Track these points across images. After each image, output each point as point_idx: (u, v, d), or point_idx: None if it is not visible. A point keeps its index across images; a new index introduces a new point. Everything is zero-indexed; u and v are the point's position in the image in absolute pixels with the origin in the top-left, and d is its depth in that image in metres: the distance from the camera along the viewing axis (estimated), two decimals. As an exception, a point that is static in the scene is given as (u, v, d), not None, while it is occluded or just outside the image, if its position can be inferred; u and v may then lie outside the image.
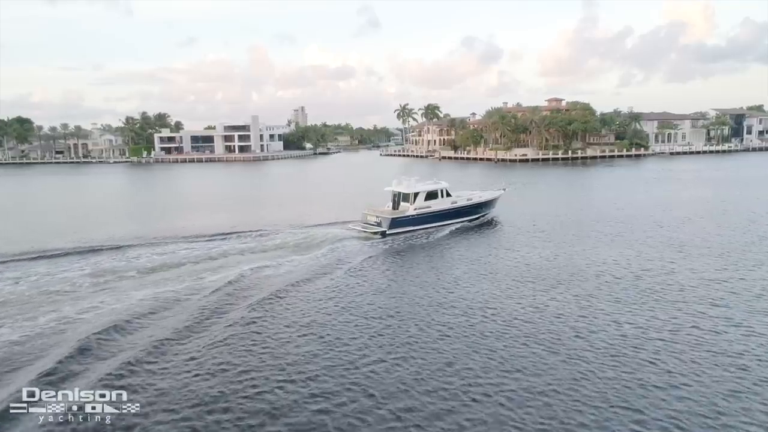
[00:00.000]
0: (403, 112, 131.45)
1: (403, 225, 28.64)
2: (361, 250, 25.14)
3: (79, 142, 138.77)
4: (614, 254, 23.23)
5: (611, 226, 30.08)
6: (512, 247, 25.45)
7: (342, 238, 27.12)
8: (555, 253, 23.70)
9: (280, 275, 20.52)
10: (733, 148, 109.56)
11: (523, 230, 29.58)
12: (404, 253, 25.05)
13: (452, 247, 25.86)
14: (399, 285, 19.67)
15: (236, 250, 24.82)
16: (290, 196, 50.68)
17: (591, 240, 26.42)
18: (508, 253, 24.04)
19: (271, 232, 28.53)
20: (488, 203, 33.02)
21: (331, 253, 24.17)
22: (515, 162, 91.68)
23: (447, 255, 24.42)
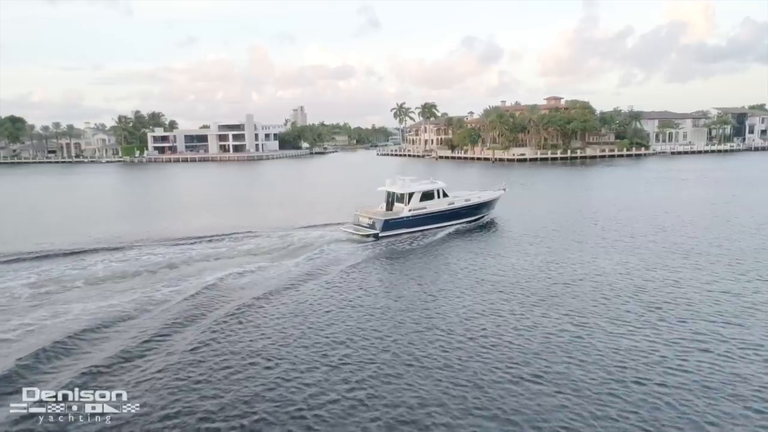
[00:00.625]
0: (400, 111, 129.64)
1: (397, 227, 27.09)
2: (350, 254, 23.54)
3: (72, 141, 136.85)
4: (614, 262, 21.26)
5: (611, 229, 28.12)
6: (506, 253, 23.59)
7: (332, 240, 25.69)
8: (550, 261, 21.75)
9: (258, 282, 18.96)
10: (735, 148, 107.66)
11: (519, 234, 27.73)
12: (396, 257, 23.38)
13: (446, 252, 24.12)
14: (385, 295, 17.86)
15: (216, 254, 23.17)
16: (281, 197, 49.11)
17: (589, 245, 24.46)
18: (502, 260, 22.12)
19: (258, 234, 26.97)
20: (487, 204, 31.39)
21: (319, 257, 22.67)
22: (513, 162, 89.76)
23: (439, 261, 22.65)
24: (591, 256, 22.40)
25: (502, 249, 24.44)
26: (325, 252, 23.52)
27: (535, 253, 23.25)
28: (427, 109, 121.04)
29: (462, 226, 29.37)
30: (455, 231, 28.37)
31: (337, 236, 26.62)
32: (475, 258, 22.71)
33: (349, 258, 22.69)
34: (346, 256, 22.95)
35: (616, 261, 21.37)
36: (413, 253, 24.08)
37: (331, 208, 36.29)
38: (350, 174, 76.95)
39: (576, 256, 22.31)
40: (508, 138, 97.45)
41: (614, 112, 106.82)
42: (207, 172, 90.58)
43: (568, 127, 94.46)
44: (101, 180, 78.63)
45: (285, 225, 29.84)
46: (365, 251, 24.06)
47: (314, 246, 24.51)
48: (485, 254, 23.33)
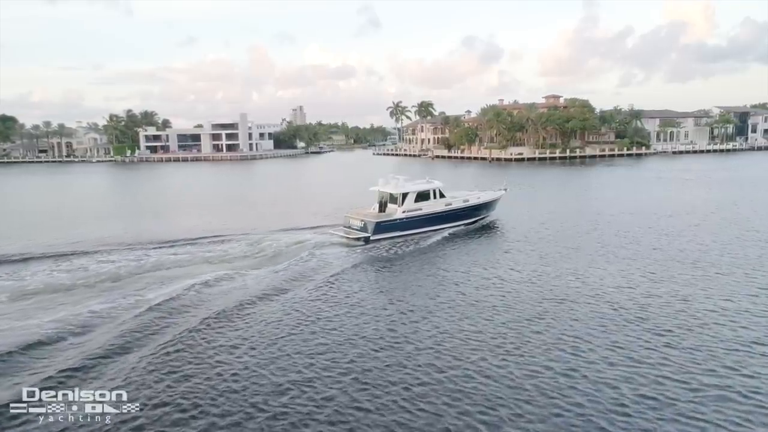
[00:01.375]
0: (397, 110, 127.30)
1: (390, 230, 25.28)
2: (338, 259, 21.89)
3: (63, 140, 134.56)
4: (614, 273, 19.00)
5: (611, 234, 25.86)
6: (501, 261, 21.44)
7: (319, 244, 24.03)
8: (545, 272, 19.51)
9: (234, 290, 17.43)
10: (738, 147, 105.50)
11: (516, 239, 25.60)
12: (386, 263, 21.59)
13: (440, 258, 22.27)
14: (369, 306, 16.12)
15: (194, 259, 21.59)
16: (270, 198, 47.19)
17: (588, 253, 22.20)
18: (495, 270, 19.88)
19: (241, 237, 25.31)
20: (487, 205, 29.52)
21: (303, 262, 21.03)
22: (510, 161, 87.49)
23: (431, 268, 20.71)
24: (590, 265, 20.15)
25: (497, 256, 22.31)
26: (311, 257, 21.89)
27: (529, 262, 21.01)
28: (423, 108, 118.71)
29: (460, 228, 27.54)
30: (452, 234, 26.53)
31: (325, 240, 24.92)
32: (468, 266, 20.65)
33: (336, 264, 21.06)
34: (333, 262, 21.32)
35: (617, 272, 19.11)
36: (405, 258, 22.25)
37: (320, 210, 34.68)
38: (343, 174, 75.25)
39: (573, 266, 20.04)
40: (506, 137, 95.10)
41: (614, 110, 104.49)
42: (198, 172, 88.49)
43: (566, 126, 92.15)
44: (88, 180, 76.34)
45: (271, 227, 28.25)
46: (354, 256, 22.37)
47: (300, 250, 22.86)
48: (479, 262, 21.23)
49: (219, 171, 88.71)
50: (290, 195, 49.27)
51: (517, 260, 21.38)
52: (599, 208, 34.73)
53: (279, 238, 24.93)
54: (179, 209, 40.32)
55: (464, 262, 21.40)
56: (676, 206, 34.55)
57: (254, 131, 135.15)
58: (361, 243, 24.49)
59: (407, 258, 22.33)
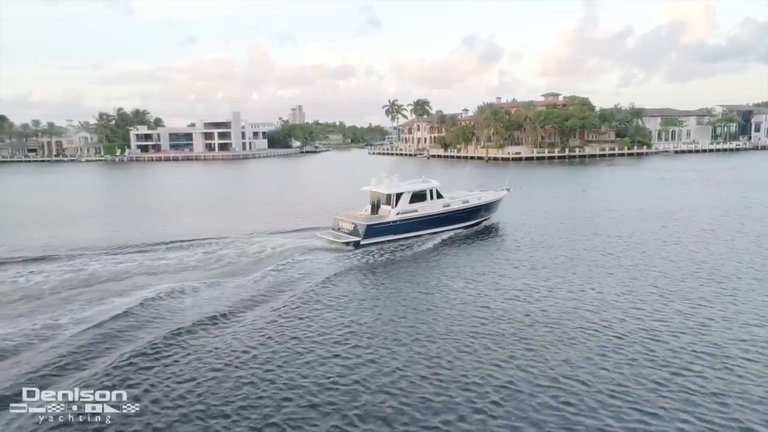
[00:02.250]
0: (393, 108, 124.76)
1: (382, 233, 23.38)
2: (324, 265, 20.05)
3: (53, 139, 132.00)
4: (619, 289, 16.48)
5: (614, 241, 23.37)
6: (499, 270, 19.12)
7: (306, 249, 22.22)
8: (540, 286, 17.01)
9: (209, 299, 15.90)
10: (741, 147, 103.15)
11: (514, 245, 23.29)
12: (378, 270, 19.64)
13: (436, 265, 20.15)
14: (354, 322, 14.28)
15: (166, 265, 19.90)
16: (258, 198, 45.03)
17: (588, 263, 19.69)
18: (493, 283, 17.39)
19: (221, 242, 23.42)
20: (489, 206, 27.42)
21: (286, 269, 19.22)
22: (508, 161, 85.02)
23: (426, 276, 18.59)
24: (591, 279, 17.63)
25: (498, 264, 20.01)
26: (293, 264, 20.03)
27: (530, 273, 18.52)
28: (419, 106, 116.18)
29: (459, 231, 25.57)
30: (451, 237, 24.51)
31: (311, 244, 23.01)
32: (467, 275, 18.49)
33: (321, 271, 19.16)
34: (317, 269, 19.42)
35: (622, 287, 16.59)
36: (398, 265, 20.27)
37: (309, 211, 32.89)
38: (335, 173, 73.08)
39: (570, 280, 17.52)
40: (503, 136, 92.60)
41: (615, 109, 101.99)
42: (188, 171, 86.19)
43: (566, 125, 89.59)
44: (73, 180, 73.65)
45: (254, 230, 26.41)
46: (342, 262, 20.46)
47: (283, 255, 21.11)
48: (479, 271, 19.07)
49: (209, 171, 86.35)
50: (278, 195, 47.04)
51: (519, 270, 18.99)
52: (601, 211, 32.25)
53: (261, 242, 23.06)
54: (160, 211, 37.98)
55: (463, 270, 19.17)
56: (682, 208, 32.06)
57: (247, 130, 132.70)
58: (351, 248, 22.57)
59: (401, 265, 20.30)
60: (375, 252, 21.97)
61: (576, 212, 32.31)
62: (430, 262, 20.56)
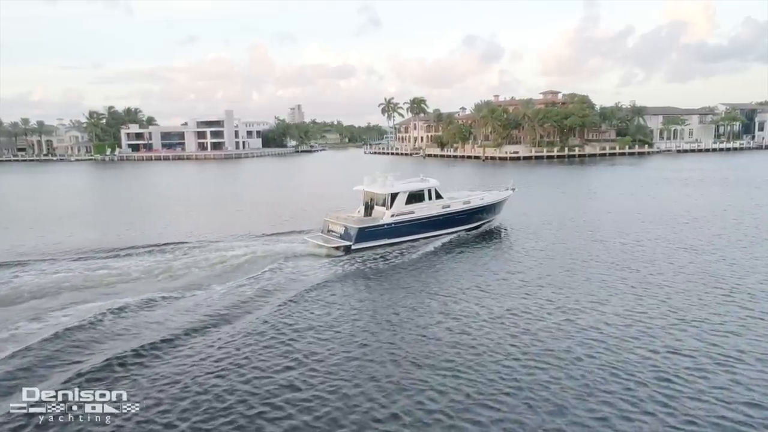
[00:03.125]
0: (389, 107, 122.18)
1: (375, 237, 21.46)
2: (310, 273, 18.16)
3: (43, 138, 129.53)
4: (624, 310, 14.02)
5: (620, 249, 20.90)
6: (503, 281, 16.90)
7: (291, 254, 20.38)
8: (541, 302, 14.60)
9: (181, 311, 14.40)
10: (745, 146, 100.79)
11: (519, 251, 21.26)
12: (369, 278, 17.73)
13: (433, 274, 18.13)
14: (338, 337, 12.78)
15: (136, 272, 17.95)
16: (247, 199, 42.63)
17: (592, 278, 17.22)
18: (496, 296, 15.04)
19: (200, 246, 21.59)
20: (492, 207, 25.55)
21: (267, 278, 17.30)
22: (505, 160, 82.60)
23: (421, 287, 16.55)
24: (591, 298, 15.18)
25: (502, 274, 17.83)
26: (277, 271, 18.16)
27: (524, 288, 16.11)
28: (416, 105, 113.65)
29: (460, 235, 23.62)
30: (451, 242, 22.56)
31: (298, 249, 21.15)
32: (467, 285, 16.57)
33: (308, 279, 17.41)
34: (302, 277, 17.60)
35: (628, 308, 14.12)
36: (392, 273, 18.33)
37: (298, 213, 31.24)
38: (329, 173, 70.91)
39: (578, 298, 15.06)
40: (501, 135, 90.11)
41: (615, 107, 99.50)
42: (178, 171, 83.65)
43: (565, 123, 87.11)
44: (59, 180, 71.00)
45: (239, 233, 24.74)
46: (330, 270, 18.64)
47: (267, 262, 19.25)
48: (481, 280, 17.15)
49: (200, 170, 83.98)
50: (268, 196, 44.75)
51: (523, 282, 16.73)
52: (605, 213, 29.81)
53: (243, 247, 21.12)
54: (142, 212, 35.76)
55: (464, 280, 17.17)
56: (692, 211, 29.59)
57: (241, 129, 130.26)
58: (341, 253, 20.71)
59: (395, 273, 18.31)
60: (367, 258, 20.04)
61: (579, 215, 29.81)
62: (428, 270, 18.47)
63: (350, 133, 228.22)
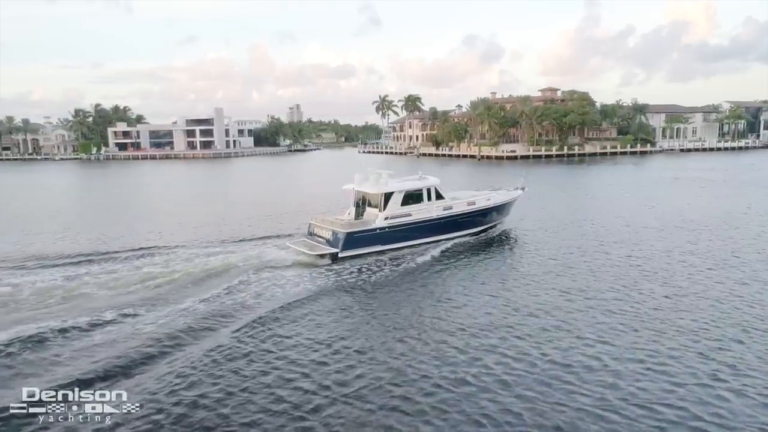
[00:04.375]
0: (383, 105, 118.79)
1: (366, 243, 19.12)
2: (288, 286, 15.73)
3: (28, 137, 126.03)
4: (640, 350, 10.75)
5: (628, 263, 17.63)
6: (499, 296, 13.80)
7: (269, 263, 17.94)
8: (549, 332, 11.32)
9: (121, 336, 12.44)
10: (750, 145, 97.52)
11: (528, 262, 18.17)
12: (357, 294, 15.20)
13: (433, 287, 15.65)
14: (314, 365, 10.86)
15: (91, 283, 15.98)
16: (232, 200, 39.70)
17: (596, 300, 13.96)
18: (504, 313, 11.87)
19: (165, 253, 19.28)
20: (499, 209, 23.19)
21: (239, 291, 15.07)
22: (502, 159, 79.30)
23: (420, 304, 14.24)
24: (599, 331, 11.89)
25: (501, 291, 15.03)
26: (247, 285, 15.74)
27: (529, 308, 12.83)
28: (411, 102, 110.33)
29: (463, 240, 21.26)
30: (453, 248, 20.13)
31: (279, 256, 18.76)
32: (464, 304, 14.00)
33: (285, 294, 15.01)
34: (280, 291, 15.23)
35: (644, 349, 10.82)
36: (384, 286, 15.83)
37: (284, 214, 28.99)
38: (321, 172, 67.91)
39: (585, 333, 11.77)
40: (497, 133, 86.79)
41: (616, 105, 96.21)
42: (164, 170, 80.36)
43: (564, 121, 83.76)
44: (40, 180, 67.72)
45: (215, 237, 22.53)
46: (311, 283, 16.21)
47: (239, 271, 16.95)
48: (489, 296, 14.70)
49: (187, 170, 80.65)
50: (254, 196, 41.73)
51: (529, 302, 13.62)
52: (607, 221, 26.50)
53: (216, 254, 18.85)
54: (114, 214, 32.88)
55: (468, 295, 14.66)
56: (711, 217, 26.21)
57: (232, 128, 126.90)
58: (327, 261, 18.38)
59: (387, 286, 15.85)
60: (356, 268, 17.64)
61: (588, 219, 26.66)
62: (427, 282, 16.10)
63: (347, 132, 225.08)
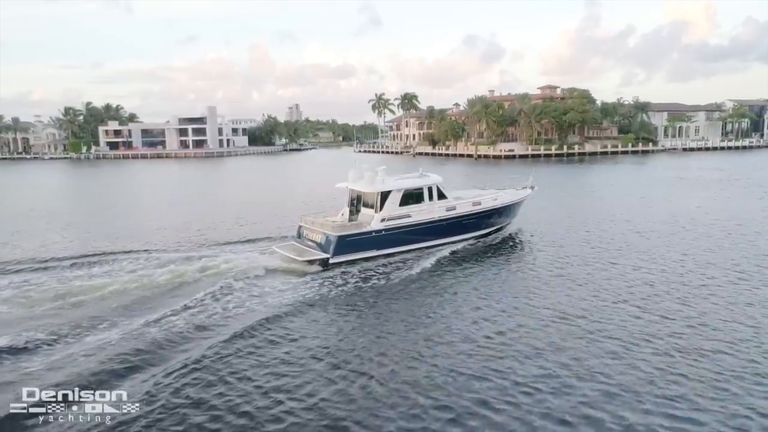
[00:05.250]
0: (379, 103, 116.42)
1: (361, 247, 17.33)
2: (269, 297, 13.87)
3: (18, 135, 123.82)
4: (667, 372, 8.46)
5: (641, 280, 15.30)
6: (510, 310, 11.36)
7: (251, 269, 16.04)
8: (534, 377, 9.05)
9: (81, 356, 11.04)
10: (755, 144, 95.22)
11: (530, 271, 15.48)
12: (345, 306, 13.37)
13: (432, 298, 13.86)
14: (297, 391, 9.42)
15: None
16: (221, 199, 37.41)
17: (609, 330, 11.64)
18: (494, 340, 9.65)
19: (141, 257, 17.62)
20: (507, 209, 21.40)
21: (209, 304, 13.30)
22: (500, 158, 76.99)
23: (415, 315, 12.70)
24: (613, 368, 9.60)
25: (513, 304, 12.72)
26: (226, 294, 14.05)
27: (541, 320, 10.54)
28: (407, 101, 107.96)
29: (468, 244, 19.45)
30: (456, 253, 18.29)
31: (263, 262, 16.88)
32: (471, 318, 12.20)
33: (265, 306, 13.18)
34: (259, 303, 13.39)
35: (666, 382, 8.55)
36: (380, 297, 13.93)
37: (274, 216, 27.17)
38: (317, 171, 65.38)
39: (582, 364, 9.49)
40: (495, 132, 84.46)
41: (617, 103, 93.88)
42: (154, 170, 77.97)
43: (564, 119, 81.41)
44: (20, 179, 65.55)
45: (202, 240, 20.82)
46: (297, 292, 14.34)
47: (219, 279, 15.10)
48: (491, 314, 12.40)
49: (178, 169, 78.49)
50: (244, 196, 39.52)
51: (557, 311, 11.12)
52: (614, 227, 24.16)
53: (197, 259, 17.02)
54: (96, 215, 30.91)
55: (475, 309, 12.78)
56: (729, 222, 23.81)
57: (225, 126, 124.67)
58: (317, 267, 16.54)
59: (383, 298, 13.88)
60: (349, 275, 15.79)
61: (592, 223, 24.32)
62: (428, 293, 14.25)
63: (345, 132, 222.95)
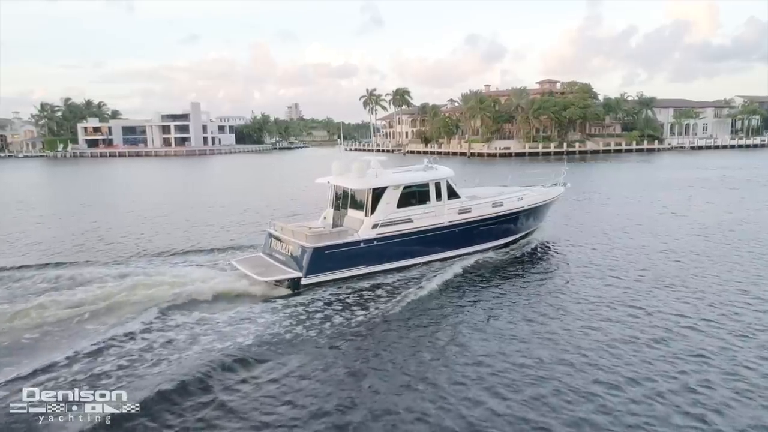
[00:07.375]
0: (370, 99, 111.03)
1: (345, 263, 13.23)
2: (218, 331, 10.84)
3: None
4: None
5: (664, 313, 10.18)
6: None
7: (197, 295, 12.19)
8: None
9: None
10: (766, 142, 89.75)
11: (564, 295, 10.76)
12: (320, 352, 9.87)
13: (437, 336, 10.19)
14: None
15: None
16: (192, 201, 32.88)
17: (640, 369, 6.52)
18: None
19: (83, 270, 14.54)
20: (536, 211, 17.07)
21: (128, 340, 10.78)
22: (494, 157, 71.75)
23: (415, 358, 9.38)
24: None
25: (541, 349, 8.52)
26: (157, 326, 11.17)
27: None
28: (399, 96, 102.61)
29: (487, 256, 15.11)
30: (470, 268, 13.98)
31: (218, 282, 12.90)
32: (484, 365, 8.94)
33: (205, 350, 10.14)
34: (206, 339, 10.54)
35: None
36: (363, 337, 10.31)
37: (247, 221, 23.81)
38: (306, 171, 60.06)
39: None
40: (490, 128, 79.18)
41: (621, 98, 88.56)
42: (132, 169, 72.59)
43: (563, 115, 76.10)
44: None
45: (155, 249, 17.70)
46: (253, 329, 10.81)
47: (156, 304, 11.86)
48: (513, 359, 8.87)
49: (157, 168, 73.16)
50: (217, 197, 34.80)
51: None
52: (626, 240, 19.02)
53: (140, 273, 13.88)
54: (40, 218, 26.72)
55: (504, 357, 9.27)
56: (761, 229, 18.73)
57: (209, 124, 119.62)
58: (286, 290, 12.69)
59: (373, 335, 10.36)
60: (328, 302, 11.83)
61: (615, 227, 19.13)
62: (434, 329, 10.52)
63: (338, 130, 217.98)
